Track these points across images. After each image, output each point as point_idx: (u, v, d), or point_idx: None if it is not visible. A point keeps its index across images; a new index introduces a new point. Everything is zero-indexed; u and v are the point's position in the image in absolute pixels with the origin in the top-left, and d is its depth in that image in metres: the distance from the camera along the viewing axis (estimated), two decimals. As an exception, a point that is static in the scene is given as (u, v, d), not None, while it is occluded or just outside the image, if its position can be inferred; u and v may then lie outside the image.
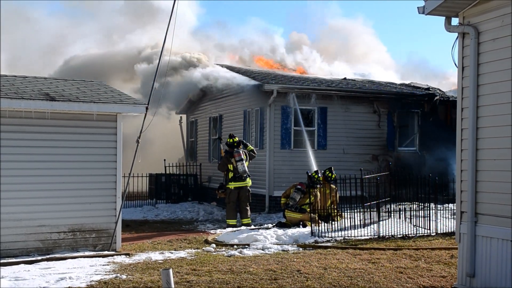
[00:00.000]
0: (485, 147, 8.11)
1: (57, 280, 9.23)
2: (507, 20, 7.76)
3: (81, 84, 13.38)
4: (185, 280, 9.15)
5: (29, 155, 11.24)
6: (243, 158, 16.04)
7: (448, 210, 14.69)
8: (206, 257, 11.25)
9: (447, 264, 10.41)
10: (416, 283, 9.01)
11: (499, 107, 7.88)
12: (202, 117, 24.81)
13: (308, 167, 17.66)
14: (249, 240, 12.91)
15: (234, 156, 16.05)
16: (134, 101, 12.25)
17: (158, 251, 12.08)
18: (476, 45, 8.20)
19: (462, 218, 8.47)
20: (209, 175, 23.17)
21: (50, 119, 11.38)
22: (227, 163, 16.23)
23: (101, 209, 11.84)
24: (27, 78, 13.11)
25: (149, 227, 16.66)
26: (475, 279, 8.23)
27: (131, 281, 9.13)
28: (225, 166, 16.28)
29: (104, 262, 10.77)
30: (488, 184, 8.08)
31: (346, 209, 15.00)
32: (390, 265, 10.29)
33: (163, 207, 20.86)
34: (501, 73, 7.83)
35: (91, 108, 11.58)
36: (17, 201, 11.06)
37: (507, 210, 7.67)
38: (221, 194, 16.60)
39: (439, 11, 8.44)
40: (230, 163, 16.15)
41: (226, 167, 16.28)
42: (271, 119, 19.02)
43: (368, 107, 20.32)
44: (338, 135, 19.85)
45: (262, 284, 8.94)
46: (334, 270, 9.84)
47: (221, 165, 16.54)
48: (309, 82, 20.59)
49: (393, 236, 13.33)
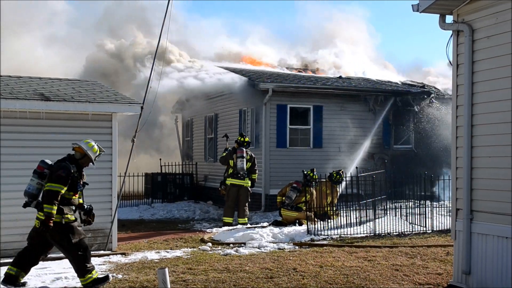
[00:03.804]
0: (480, 145, 8.12)
1: (52, 280, 9.23)
2: (501, 18, 7.77)
3: (76, 83, 13.35)
4: (181, 279, 9.14)
5: (24, 155, 11.19)
6: (244, 156, 16.01)
7: (444, 208, 14.71)
8: (202, 256, 11.25)
9: (443, 262, 10.43)
10: (412, 281, 9.03)
11: (494, 104, 7.90)
12: (198, 116, 24.79)
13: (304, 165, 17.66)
14: (245, 239, 12.91)
15: (236, 152, 16.04)
16: (130, 101, 12.23)
17: (154, 251, 12.07)
18: (470, 43, 8.21)
19: (457, 215, 8.49)
20: (205, 174, 23.16)
21: (45, 119, 11.35)
22: (229, 158, 16.22)
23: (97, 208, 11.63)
24: (21, 78, 13.07)
25: (145, 226, 16.64)
26: (471, 276, 8.25)
27: (127, 281, 9.13)
28: (227, 160, 16.25)
29: (100, 262, 10.76)
30: (483, 182, 8.09)
31: (342, 207, 15.03)
32: (386, 263, 10.31)
33: (159, 206, 20.83)
34: (496, 71, 7.84)
35: (87, 108, 11.55)
36: (13, 201, 11.00)
37: (503, 207, 7.69)
38: (223, 191, 16.59)
39: (433, 9, 8.45)
40: (232, 159, 16.14)
41: (227, 161, 16.26)
42: (267, 117, 19.03)
43: (363, 105, 20.34)
44: (333, 134, 19.88)
45: (258, 282, 8.94)
46: (330, 268, 9.86)
47: (223, 158, 16.46)
48: (305, 80, 20.59)
49: (389, 234, 13.36)
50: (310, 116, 19.67)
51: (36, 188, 8.73)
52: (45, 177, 8.70)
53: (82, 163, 8.98)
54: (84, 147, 8.94)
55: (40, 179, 8.71)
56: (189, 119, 25.90)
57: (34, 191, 8.73)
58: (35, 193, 8.74)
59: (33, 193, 8.73)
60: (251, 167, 16.27)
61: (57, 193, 8.46)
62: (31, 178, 8.76)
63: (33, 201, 8.75)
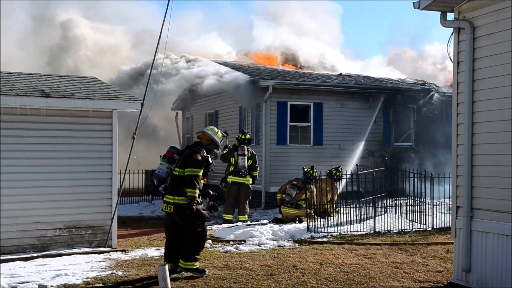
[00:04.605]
0: (481, 142, 8.12)
1: (52, 277, 9.21)
2: (502, 15, 7.76)
3: (76, 80, 13.34)
4: (180, 276, 9.14)
5: (24, 152, 11.20)
6: (245, 154, 15.97)
7: (444, 205, 14.70)
8: (202, 253, 11.22)
9: (443, 259, 10.43)
10: (412, 278, 9.02)
11: (495, 102, 7.89)
12: (198, 113, 24.78)
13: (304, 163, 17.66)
14: (245, 236, 12.90)
15: (238, 150, 16.02)
16: (130, 98, 12.22)
17: (154, 247, 12.06)
18: (471, 40, 8.20)
19: (458, 213, 8.48)
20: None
21: (45, 115, 11.33)
22: (230, 155, 16.19)
23: (97, 205, 11.81)
24: (22, 75, 13.05)
25: (145, 223, 16.64)
26: (471, 273, 8.25)
27: (127, 278, 9.13)
28: (228, 157, 16.22)
29: (100, 259, 10.76)
30: (484, 179, 8.09)
31: (342, 204, 15.03)
32: (386, 260, 10.30)
33: (159, 203, 20.76)
34: (497, 68, 7.84)
35: (87, 105, 11.54)
36: (12, 198, 11.02)
37: (503, 205, 7.69)
38: (223, 188, 16.58)
39: (434, 6, 8.45)
40: (233, 157, 16.12)
41: (228, 159, 16.24)
42: (267, 115, 19.02)
43: (364, 102, 20.34)
44: (334, 131, 19.87)
45: (258, 279, 8.94)
46: (330, 266, 9.85)
47: (224, 156, 16.42)
48: (305, 77, 20.59)
49: (389, 231, 13.35)
50: (310, 114, 19.67)
51: (166, 172, 9.17)
52: (174, 162, 9.17)
53: (209, 149, 9.44)
54: (210, 133, 9.43)
55: (170, 164, 9.16)
56: (189, 116, 25.89)
57: (164, 174, 9.17)
58: (165, 177, 9.18)
59: (162, 176, 9.17)
60: (252, 165, 16.24)
61: (197, 177, 8.98)
62: (161, 163, 9.27)
63: (161, 184, 9.19)
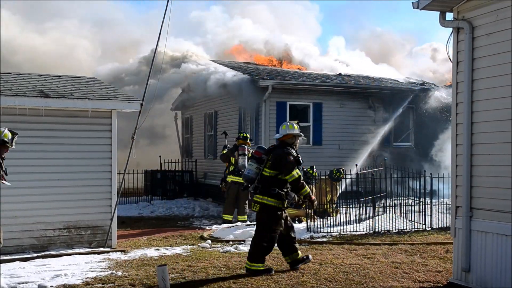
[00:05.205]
0: (480, 142, 8.11)
1: (52, 277, 9.21)
2: (501, 15, 7.76)
3: (75, 80, 13.33)
4: (180, 277, 9.14)
5: (23, 152, 11.17)
6: (246, 153, 15.95)
7: (444, 205, 14.70)
8: (201, 253, 11.25)
9: (442, 259, 10.44)
10: (412, 278, 9.02)
11: (494, 101, 7.89)
12: (198, 113, 24.77)
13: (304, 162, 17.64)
14: (244, 236, 12.90)
15: (238, 150, 16.01)
16: (129, 98, 12.22)
17: (154, 248, 12.06)
18: (470, 40, 8.20)
19: (457, 213, 8.48)
20: (205, 171, 23.14)
21: (45, 116, 11.33)
22: (230, 155, 16.18)
23: (96, 205, 11.81)
24: (21, 75, 13.05)
25: (144, 223, 16.64)
26: (471, 273, 8.25)
27: (126, 278, 9.12)
28: (228, 157, 16.20)
29: (100, 259, 10.76)
30: (483, 179, 8.09)
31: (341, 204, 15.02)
32: (385, 260, 10.30)
33: (158, 203, 20.83)
34: (496, 68, 7.84)
35: (86, 105, 11.53)
36: (12, 198, 10.99)
37: (503, 205, 7.68)
38: (223, 188, 16.57)
39: (433, 6, 8.44)
40: (233, 156, 16.11)
41: (228, 159, 16.22)
42: (266, 115, 19.01)
43: (363, 102, 20.34)
44: (333, 131, 19.87)
45: (257, 280, 8.93)
46: (329, 266, 9.85)
47: (224, 155, 16.38)
48: (304, 77, 20.58)
49: (389, 231, 13.36)
50: (310, 113, 19.67)
51: (255, 173, 9.28)
52: (262, 162, 9.28)
53: (295, 144, 9.50)
54: (289, 131, 9.40)
55: (259, 164, 9.28)
56: (188, 116, 25.88)
57: (253, 175, 9.28)
58: (254, 177, 9.28)
59: (252, 177, 9.28)
60: None
61: (299, 178, 9.10)
62: (250, 163, 9.43)
63: (251, 184, 9.27)
